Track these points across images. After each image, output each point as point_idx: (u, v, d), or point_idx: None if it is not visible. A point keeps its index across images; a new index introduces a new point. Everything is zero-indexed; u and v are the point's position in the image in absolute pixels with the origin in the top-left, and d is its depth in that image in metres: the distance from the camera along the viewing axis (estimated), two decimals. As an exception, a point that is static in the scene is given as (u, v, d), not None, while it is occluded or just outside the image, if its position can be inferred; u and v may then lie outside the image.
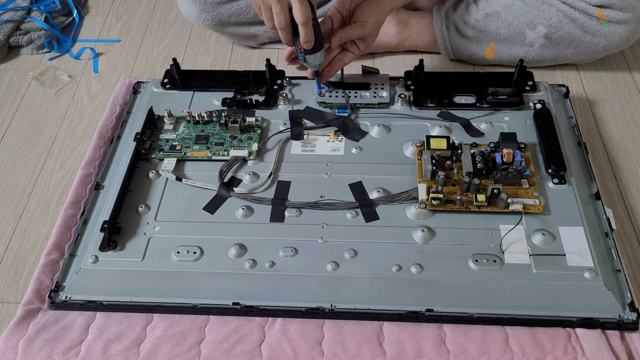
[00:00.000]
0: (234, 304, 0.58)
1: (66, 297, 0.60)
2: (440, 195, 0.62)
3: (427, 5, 0.90)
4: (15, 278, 0.65)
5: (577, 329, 0.56)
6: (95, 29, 1.03)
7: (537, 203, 0.63)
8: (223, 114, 0.74)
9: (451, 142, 0.68)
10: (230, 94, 0.79)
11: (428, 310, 0.57)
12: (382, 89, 0.78)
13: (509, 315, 0.57)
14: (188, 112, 0.75)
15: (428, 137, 0.68)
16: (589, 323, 0.56)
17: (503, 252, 0.60)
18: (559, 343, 0.55)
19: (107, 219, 0.64)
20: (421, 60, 0.78)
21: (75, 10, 1.04)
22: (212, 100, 0.79)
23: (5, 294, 0.64)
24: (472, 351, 0.55)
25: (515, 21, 0.82)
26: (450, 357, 0.55)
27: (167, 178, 0.69)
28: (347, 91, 0.77)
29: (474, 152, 0.67)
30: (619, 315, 0.56)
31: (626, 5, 0.79)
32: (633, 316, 0.56)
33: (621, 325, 0.56)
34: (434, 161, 0.66)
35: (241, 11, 0.88)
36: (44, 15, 1.00)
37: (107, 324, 0.59)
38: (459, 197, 0.63)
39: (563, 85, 0.80)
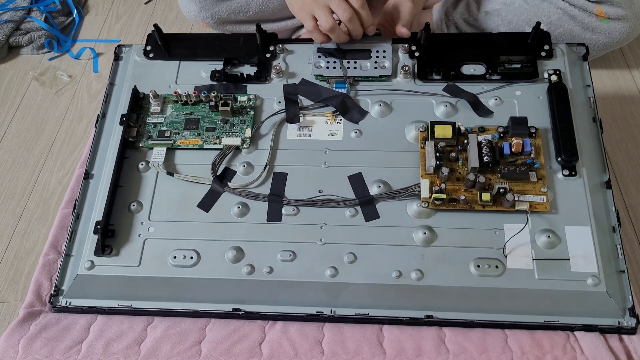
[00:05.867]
0: (234, 309, 0.58)
1: (67, 302, 0.60)
2: (444, 196, 0.60)
3: (428, 3, 0.88)
4: (15, 278, 0.66)
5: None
6: (95, 29, 1.01)
7: (545, 200, 0.60)
8: (212, 95, 0.68)
9: (457, 127, 0.63)
10: (219, 65, 0.73)
11: (427, 317, 0.57)
12: (384, 57, 0.71)
13: (509, 322, 0.57)
14: (175, 92, 0.69)
15: (432, 124, 0.64)
16: (588, 328, 0.56)
17: (506, 257, 0.59)
18: (558, 342, 0.56)
19: (100, 216, 0.62)
20: (427, 24, 0.71)
21: (75, 10, 1.02)
22: (200, 72, 0.73)
23: (5, 294, 0.65)
24: (472, 350, 0.56)
25: (515, 19, 0.81)
26: (449, 356, 0.56)
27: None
28: (344, 61, 0.71)
29: (480, 141, 0.63)
30: (618, 322, 0.56)
31: (624, 1, 0.78)
32: (632, 322, 0.56)
33: (620, 331, 0.56)
34: (437, 154, 0.62)
35: (240, 9, 0.85)
36: (44, 15, 0.97)
37: (109, 323, 0.59)
38: (462, 197, 0.60)
39: (582, 45, 0.74)
